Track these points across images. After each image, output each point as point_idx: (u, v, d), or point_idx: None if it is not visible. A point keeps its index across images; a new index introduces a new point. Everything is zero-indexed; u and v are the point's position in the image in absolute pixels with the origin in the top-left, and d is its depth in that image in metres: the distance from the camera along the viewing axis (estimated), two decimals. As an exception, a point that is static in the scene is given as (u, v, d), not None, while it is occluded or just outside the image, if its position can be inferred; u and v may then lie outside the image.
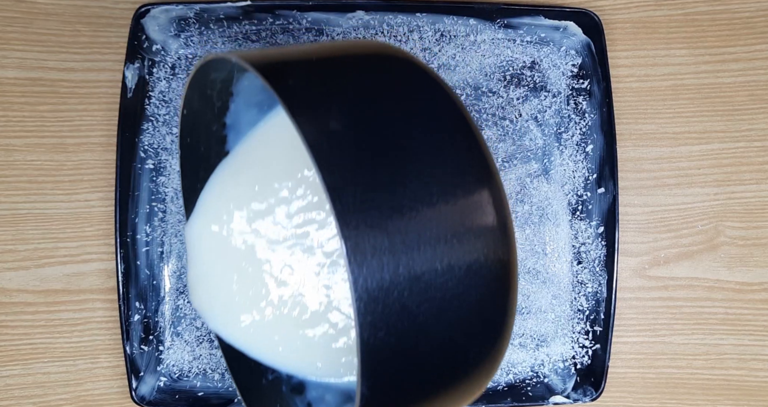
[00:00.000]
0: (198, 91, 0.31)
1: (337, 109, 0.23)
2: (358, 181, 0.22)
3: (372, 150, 0.23)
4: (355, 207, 0.21)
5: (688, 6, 0.44)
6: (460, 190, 0.24)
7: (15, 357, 0.42)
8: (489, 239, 0.24)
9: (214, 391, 0.41)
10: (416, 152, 0.23)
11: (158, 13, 0.40)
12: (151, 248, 0.41)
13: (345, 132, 0.23)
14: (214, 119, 0.34)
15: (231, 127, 0.34)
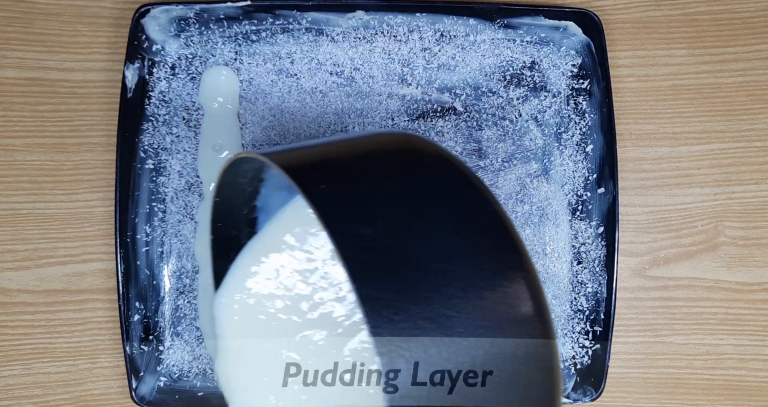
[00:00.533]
0: (230, 180, 0.32)
1: (366, 215, 0.23)
2: (392, 291, 0.22)
3: (404, 257, 0.23)
4: (389, 319, 0.21)
5: (688, 6, 0.44)
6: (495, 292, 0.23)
7: (15, 357, 0.42)
8: (531, 349, 0.24)
9: (213, 391, 0.41)
10: (450, 256, 0.23)
11: (158, 13, 0.40)
12: (151, 248, 0.41)
13: (375, 239, 0.23)
14: (245, 203, 0.34)
15: (261, 209, 0.34)
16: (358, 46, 0.42)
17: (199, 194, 0.41)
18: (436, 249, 0.23)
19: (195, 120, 0.42)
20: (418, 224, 0.24)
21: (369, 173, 0.25)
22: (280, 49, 0.42)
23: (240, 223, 0.34)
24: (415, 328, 0.21)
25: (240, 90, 0.42)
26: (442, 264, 0.23)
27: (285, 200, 0.34)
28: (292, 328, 0.31)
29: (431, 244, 0.23)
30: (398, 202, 0.24)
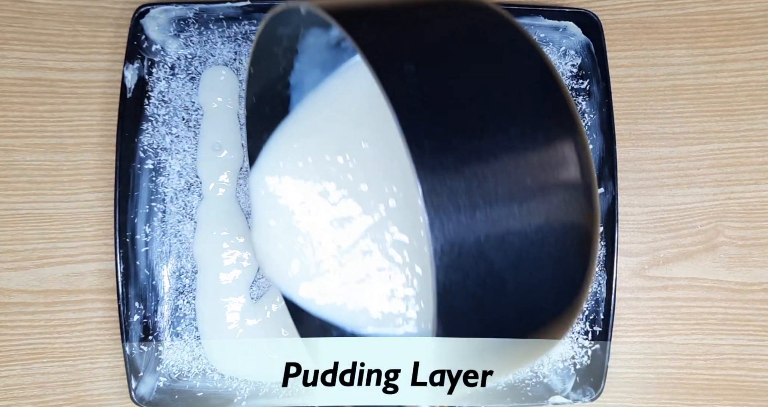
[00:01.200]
0: (264, 48, 0.31)
1: (413, 50, 0.22)
2: (435, 123, 0.21)
3: (449, 92, 0.22)
4: (431, 150, 0.20)
5: (687, 6, 0.44)
6: (541, 135, 0.23)
7: (14, 357, 0.42)
8: (570, 185, 0.23)
9: (213, 391, 0.41)
10: (495, 95, 0.22)
11: (158, 13, 0.40)
12: (151, 248, 0.41)
13: (421, 74, 0.22)
14: (278, 78, 0.33)
15: (294, 87, 0.34)
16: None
17: (199, 194, 0.41)
18: (483, 92, 0.22)
19: (194, 120, 0.42)
20: (467, 62, 0.23)
21: (414, 15, 0.24)
22: (279, 49, 0.42)
23: (274, 100, 0.34)
24: (458, 160, 0.21)
25: (240, 90, 0.42)
26: (489, 106, 0.22)
27: (318, 80, 0.33)
28: (318, 206, 0.31)
29: (478, 86, 0.22)
30: (446, 41, 0.23)
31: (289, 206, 0.32)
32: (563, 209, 0.22)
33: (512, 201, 0.21)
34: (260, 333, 0.41)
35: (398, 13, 0.24)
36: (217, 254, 0.41)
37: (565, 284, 0.24)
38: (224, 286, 0.41)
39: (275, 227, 0.32)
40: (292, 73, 0.34)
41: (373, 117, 0.31)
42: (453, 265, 0.20)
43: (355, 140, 0.31)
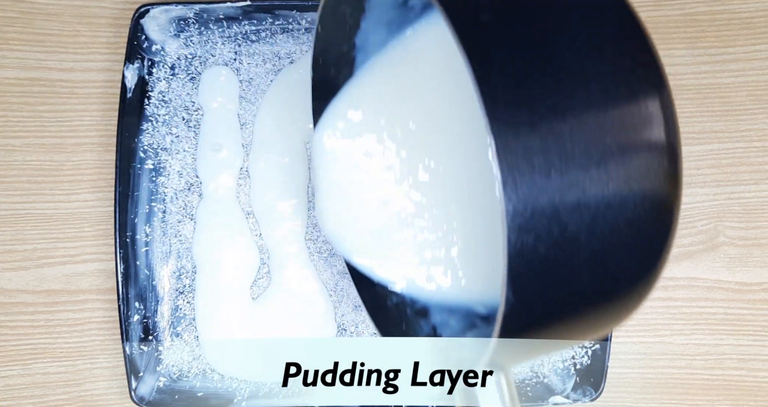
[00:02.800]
0: (333, 6, 0.31)
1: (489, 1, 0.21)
2: (510, 75, 0.20)
3: (526, 43, 0.21)
4: (506, 104, 0.19)
5: (687, 6, 0.44)
6: (624, 92, 0.21)
7: (15, 357, 0.42)
8: (654, 147, 0.22)
9: (213, 391, 0.41)
10: (575, 47, 0.21)
11: (158, 13, 0.40)
12: (151, 248, 0.41)
13: (496, 23, 0.21)
14: (344, 38, 0.33)
15: (360, 48, 0.34)
16: (358, 46, 0.42)
17: (199, 194, 0.41)
18: (563, 45, 0.21)
19: (195, 120, 0.42)
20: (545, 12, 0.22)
21: None
22: (279, 49, 0.42)
23: (339, 61, 0.34)
24: (533, 115, 0.20)
25: (239, 90, 0.42)
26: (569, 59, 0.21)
27: (384, 41, 0.33)
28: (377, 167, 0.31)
29: (557, 38, 0.21)
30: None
31: (348, 165, 0.32)
32: (645, 172, 0.21)
33: (590, 162, 0.20)
34: (260, 333, 0.41)
35: None
36: (217, 254, 0.41)
37: (643, 251, 0.22)
38: (224, 286, 0.41)
39: (335, 184, 0.32)
40: (358, 33, 0.33)
41: (439, 80, 0.30)
42: (525, 226, 0.19)
43: (418, 103, 0.30)
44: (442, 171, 0.30)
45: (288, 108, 0.42)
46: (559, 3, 0.22)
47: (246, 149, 0.42)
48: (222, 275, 0.41)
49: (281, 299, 0.41)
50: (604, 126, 0.21)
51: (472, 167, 0.29)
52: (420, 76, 0.31)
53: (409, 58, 0.32)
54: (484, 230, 0.29)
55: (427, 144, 0.30)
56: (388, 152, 0.31)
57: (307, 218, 0.42)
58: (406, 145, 0.31)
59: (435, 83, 0.30)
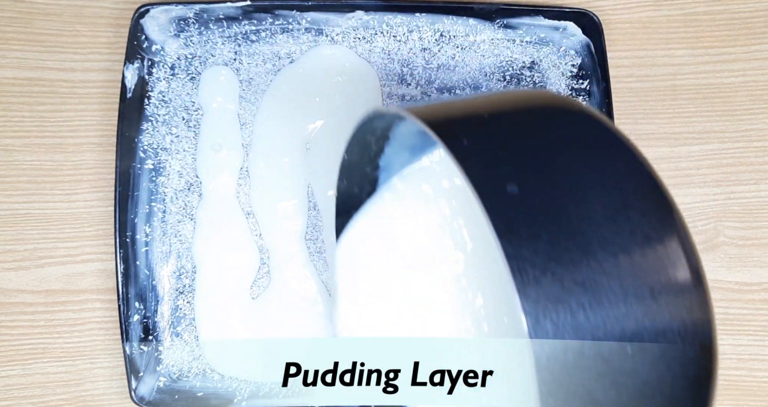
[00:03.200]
0: (359, 138, 0.32)
1: (515, 169, 0.22)
2: (540, 251, 0.21)
3: (553, 216, 0.22)
4: (536, 280, 0.20)
5: (687, 6, 0.44)
6: (652, 260, 0.22)
7: (14, 357, 0.42)
8: (687, 320, 0.22)
9: (213, 391, 0.41)
10: (600, 218, 0.22)
11: (158, 13, 0.40)
12: (151, 248, 0.41)
13: (523, 197, 0.22)
14: (369, 162, 0.35)
15: (383, 169, 0.35)
16: (358, 46, 0.42)
17: (199, 194, 0.41)
18: (586, 210, 0.22)
19: (195, 120, 0.42)
20: (567, 183, 0.23)
21: (513, 128, 0.24)
22: (279, 49, 0.42)
23: (362, 181, 0.35)
24: (563, 291, 0.20)
25: (239, 90, 0.42)
26: (592, 226, 0.22)
27: (407, 161, 0.34)
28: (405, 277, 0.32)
29: (581, 205, 0.22)
30: (545, 159, 0.23)
31: (369, 280, 0.33)
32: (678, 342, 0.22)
33: (623, 336, 0.21)
34: (260, 333, 0.41)
35: (497, 124, 0.24)
36: (217, 254, 0.41)
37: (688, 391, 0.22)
38: (224, 286, 0.41)
39: (356, 297, 0.34)
40: (381, 157, 0.35)
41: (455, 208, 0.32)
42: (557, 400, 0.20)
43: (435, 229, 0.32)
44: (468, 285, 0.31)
45: (288, 108, 0.42)
46: (584, 169, 0.23)
47: (246, 149, 0.42)
48: (222, 275, 0.41)
49: (281, 299, 0.41)
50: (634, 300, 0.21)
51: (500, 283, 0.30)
52: (439, 203, 0.32)
53: (429, 182, 0.33)
54: None
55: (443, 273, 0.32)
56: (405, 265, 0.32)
57: (307, 218, 0.42)
58: (422, 269, 0.32)
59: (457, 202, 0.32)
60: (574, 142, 0.24)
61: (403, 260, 0.33)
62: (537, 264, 0.20)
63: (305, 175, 0.42)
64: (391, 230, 0.33)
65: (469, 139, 0.23)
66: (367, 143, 0.33)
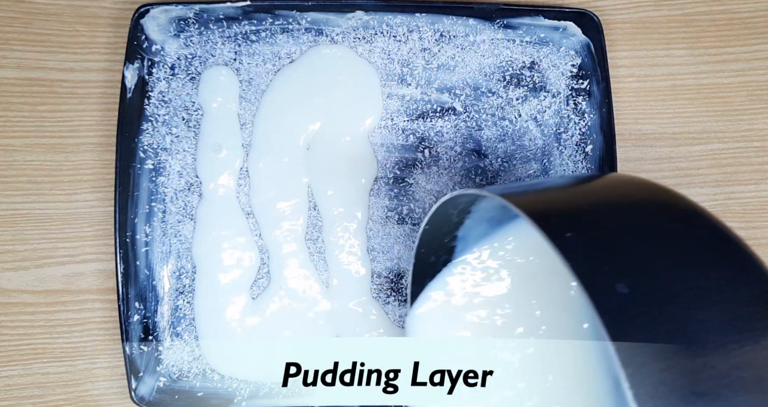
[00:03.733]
0: (443, 211, 0.32)
1: (623, 269, 0.21)
2: (656, 358, 0.20)
3: (667, 320, 0.21)
4: (654, 390, 0.19)
5: (687, 6, 0.44)
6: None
7: (14, 357, 0.42)
8: None
9: (213, 391, 0.41)
10: (717, 323, 0.21)
11: (158, 13, 0.40)
12: (151, 248, 0.41)
13: (634, 297, 0.21)
14: (448, 232, 0.35)
15: (461, 239, 0.35)
16: (358, 46, 0.42)
17: (199, 194, 0.41)
18: (702, 318, 0.21)
19: (195, 120, 0.42)
20: (682, 289, 0.21)
21: (616, 222, 0.23)
22: (279, 49, 0.42)
23: (440, 250, 0.35)
24: (683, 403, 0.19)
25: (239, 90, 0.42)
26: (709, 335, 0.21)
27: (485, 233, 0.34)
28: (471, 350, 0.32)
29: (695, 312, 0.21)
30: (653, 258, 0.22)
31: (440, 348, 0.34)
32: None
33: None
34: (260, 333, 0.41)
35: (599, 217, 0.23)
36: (216, 254, 0.41)
37: None
38: (224, 286, 0.41)
39: None
40: (461, 228, 0.35)
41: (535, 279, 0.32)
42: None
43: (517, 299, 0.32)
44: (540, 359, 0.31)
45: (288, 108, 0.42)
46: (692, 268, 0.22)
47: (246, 149, 0.42)
48: (222, 275, 0.41)
49: (281, 299, 0.41)
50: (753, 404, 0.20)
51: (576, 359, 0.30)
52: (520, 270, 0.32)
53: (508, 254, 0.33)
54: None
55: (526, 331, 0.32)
56: None
57: (307, 218, 0.42)
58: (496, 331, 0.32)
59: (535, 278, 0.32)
60: (688, 243, 0.23)
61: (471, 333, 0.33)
62: (653, 373, 0.19)
63: (305, 175, 0.42)
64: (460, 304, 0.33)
65: (573, 232, 0.22)
66: (448, 215, 0.33)
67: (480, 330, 0.33)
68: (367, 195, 0.42)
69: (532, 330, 0.31)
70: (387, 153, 0.42)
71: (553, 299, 0.31)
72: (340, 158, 0.41)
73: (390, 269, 0.42)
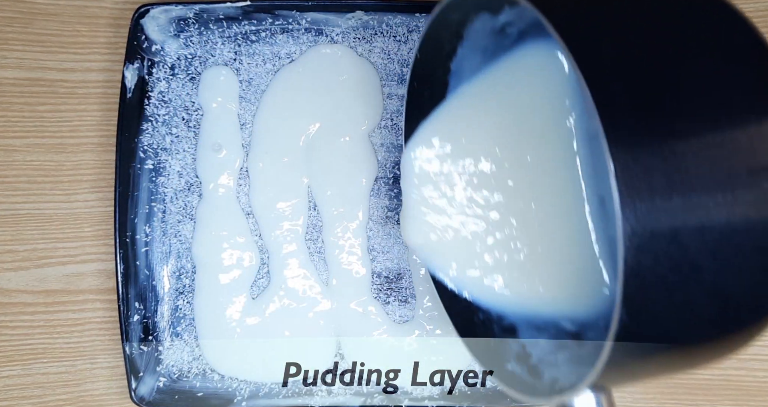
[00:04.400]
0: (433, 34, 0.31)
1: (610, 30, 0.21)
2: (633, 104, 0.20)
3: (649, 69, 0.20)
4: (627, 127, 0.19)
5: (687, 6, 0.44)
6: (753, 116, 0.21)
7: (14, 357, 0.42)
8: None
9: (213, 391, 0.41)
10: (699, 73, 0.21)
11: (158, 14, 0.40)
12: (151, 248, 0.41)
13: (619, 54, 0.20)
14: (440, 64, 0.34)
15: (454, 73, 0.34)
16: (358, 46, 0.42)
17: (199, 194, 0.41)
18: (688, 67, 0.21)
19: (194, 120, 0.42)
20: (666, 39, 0.21)
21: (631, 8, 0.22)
22: (279, 49, 0.42)
23: (433, 84, 0.34)
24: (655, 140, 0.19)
25: (239, 90, 0.42)
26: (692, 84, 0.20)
27: (477, 68, 0.33)
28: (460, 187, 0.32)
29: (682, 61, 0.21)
30: (645, 16, 0.22)
31: (433, 185, 0.33)
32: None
33: (715, 187, 0.20)
34: (260, 333, 0.41)
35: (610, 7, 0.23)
36: (216, 254, 0.41)
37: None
38: (224, 286, 0.41)
39: (420, 201, 0.33)
40: (454, 59, 0.34)
41: (531, 108, 0.31)
42: (643, 247, 0.19)
43: (507, 130, 0.31)
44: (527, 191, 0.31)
45: (288, 108, 0.42)
46: (682, 28, 0.22)
47: (246, 149, 0.42)
48: (222, 275, 0.41)
49: (281, 299, 0.41)
50: (730, 149, 0.20)
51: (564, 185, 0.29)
52: (511, 104, 0.31)
53: (502, 86, 0.32)
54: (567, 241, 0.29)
55: (512, 166, 0.31)
56: (471, 175, 0.32)
57: (307, 218, 0.42)
58: (491, 167, 0.32)
59: (527, 111, 0.31)
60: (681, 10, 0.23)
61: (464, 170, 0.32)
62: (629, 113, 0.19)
63: (305, 175, 0.42)
64: (459, 140, 0.32)
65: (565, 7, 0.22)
66: (440, 40, 0.32)
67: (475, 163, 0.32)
68: (368, 195, 0.42)
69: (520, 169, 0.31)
70: (387, 153, 0.42)
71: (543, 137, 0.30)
72: (340, 158, 0.41)
73: (390, 269, 0.42)
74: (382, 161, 0.42)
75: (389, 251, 0.42)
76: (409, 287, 0.42)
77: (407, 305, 0.42)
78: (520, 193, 0.31)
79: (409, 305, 0.41)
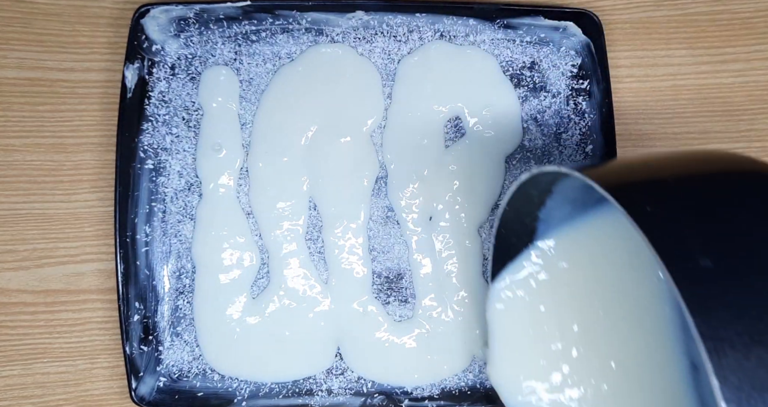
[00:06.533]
0: (523, 192, 0.32)
1: (707, 243, 0.20)
2: (742, 332, 0.19)
3: (754, 293, 0.20)
4: (738, 364, 0.18)
5: (687, 6, 0.44)
6: None
7: (14, 357, 0.42)
8: None
9: (213, 391, 0.41)
10: None
11: (158, 13, 0.40)
12: (151, 248, 0.41)
13: (719, 271, 0.20)
14: (529, 213, 0.34)
15: (542, 220, 0.35)
16: (358, 46, 0.42)
17: (199, 194, 0.41)
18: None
19: (195, 120, 0.42)
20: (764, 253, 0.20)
21: (702, 195, 0.22)
22: (279, 49, 0.42)
23: (520, 231, 0.35)
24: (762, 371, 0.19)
25: (239, 90, 0.42)
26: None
27: (567, 216, 0.34)
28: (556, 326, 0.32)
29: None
30: (741, 231, 0.21)
31: (519, 323, 0.33)
32: None
33: None
34: (260, 333, 0.41)
35: (683, 190, 0.22)
36: (216, 254, 0.41)
37: None
38: (224, 286, 0.41)
39: (506, 339, 0.34)
40: (542, 209, 0.34)
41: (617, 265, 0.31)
42: None
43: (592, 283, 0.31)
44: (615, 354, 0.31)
45: (288, 108, 0.42)
46: None
47: (246, 149, 0.42)
48: (222, 275, 0.41)
49: (281, 299, 0.41)
50: None
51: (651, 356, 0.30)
52: (597, 258, 0.32)
53: (588, 239, 0.33)
54: None
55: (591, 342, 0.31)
56: (556, 319, 0.33)
57: (307, 218, 0.42)
58: (575, 318, 0.32)
59: (614, 267, 0.31)
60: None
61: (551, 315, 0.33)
62: (739, 347, 0.19)
63: (305, 175, 0.42)
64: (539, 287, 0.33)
65: (652, 206, 0.21)
66: (529, 196, 0.33)
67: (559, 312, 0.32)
68: (368, 195, 0.42)
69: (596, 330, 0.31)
70: (387, 153, 0.42)
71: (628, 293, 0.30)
72: (341, 158, 0.41)
73: (390, 269, 0.42)
74: (382, 161, 0.42)
75: (389, 251, 0.42)
76: (409, 287, 0.42)
77: (407, 305, 0.42)
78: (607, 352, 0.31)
79: (409, 305, 0.41)
